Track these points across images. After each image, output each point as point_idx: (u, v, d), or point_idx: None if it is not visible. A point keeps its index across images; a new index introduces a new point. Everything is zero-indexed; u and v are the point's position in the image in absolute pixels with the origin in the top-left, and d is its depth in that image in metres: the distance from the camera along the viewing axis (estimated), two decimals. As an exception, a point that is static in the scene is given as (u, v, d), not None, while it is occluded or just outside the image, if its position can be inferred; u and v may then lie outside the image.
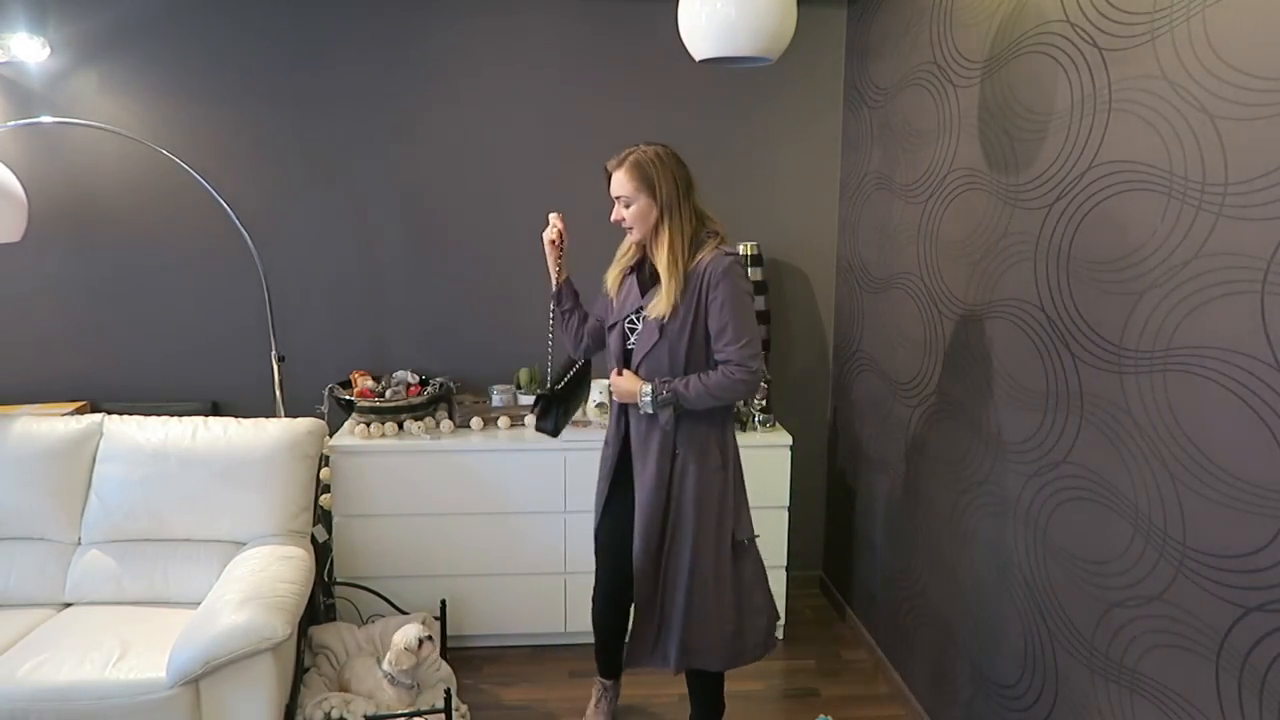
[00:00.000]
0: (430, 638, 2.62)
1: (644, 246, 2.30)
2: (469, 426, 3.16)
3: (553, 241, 2.41)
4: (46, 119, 3.00)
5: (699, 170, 3.36)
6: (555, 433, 2.57)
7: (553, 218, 2.42)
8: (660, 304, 2.20)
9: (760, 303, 3.31)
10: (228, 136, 3.23)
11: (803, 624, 3.40)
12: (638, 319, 2.29)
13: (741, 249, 3.30)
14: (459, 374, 3.40)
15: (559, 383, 2.57)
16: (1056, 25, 1.99)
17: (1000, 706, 2.29)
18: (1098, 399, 1.86)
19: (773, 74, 3.30)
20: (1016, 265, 2.17)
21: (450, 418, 3.17)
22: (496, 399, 3.23)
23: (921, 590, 2.75)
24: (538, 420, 2.57)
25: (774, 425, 3.22)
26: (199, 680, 2.18)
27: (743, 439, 3.09)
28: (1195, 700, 1.61)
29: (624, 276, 2.37)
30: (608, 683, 2.75)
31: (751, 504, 3.08)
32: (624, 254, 2.38)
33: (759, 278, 3.31)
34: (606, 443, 2.45)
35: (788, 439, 3.13)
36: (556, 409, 2.55)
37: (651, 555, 2.33)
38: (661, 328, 2.21)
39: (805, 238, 3.50)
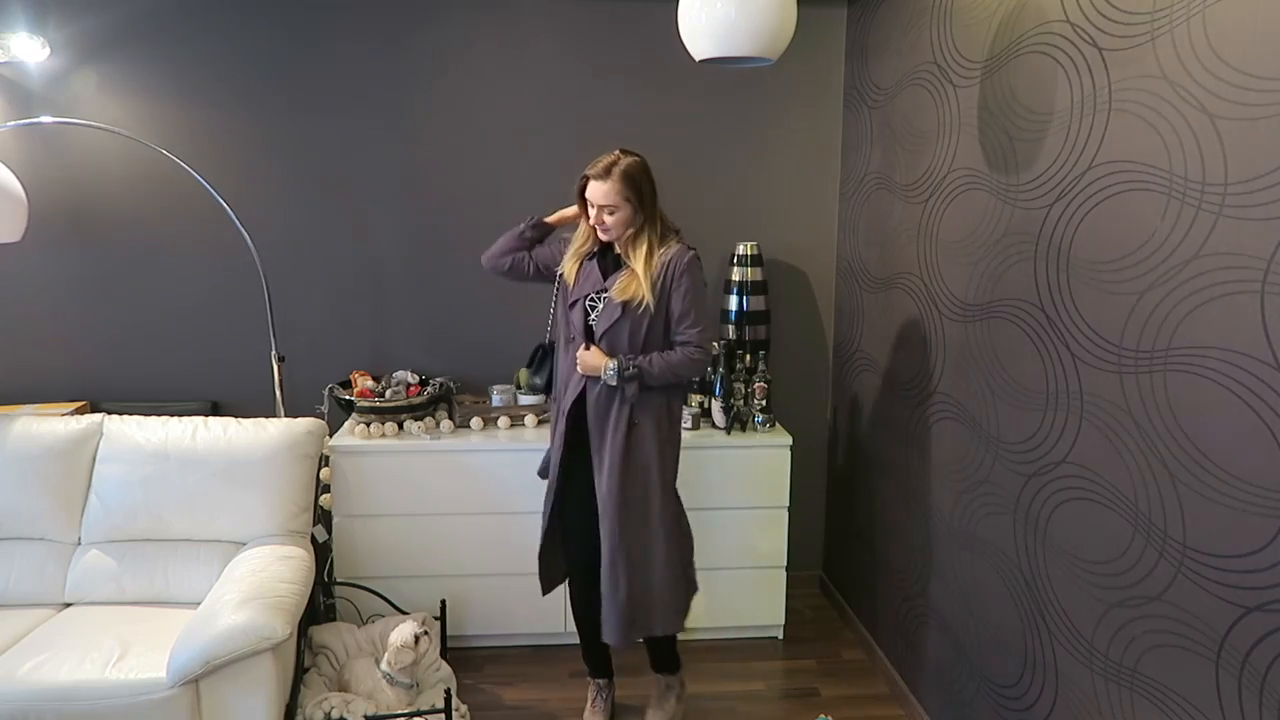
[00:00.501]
0: (426, 633, 2.62)
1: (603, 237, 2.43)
2: (469, 426, 3.16)
3: (560, 220, 2.55)
4: (46, 119, 3.00)
5: (699, 170, 3.40)
6: (549, 390, 2.68)
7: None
8: (629, 290, 2.37)
9: (760, 303, 3.31)
10: (228, 136, 3.23)
11: (803, 624, 3.40)
12: (599, 298, 2.44)
13: (741, 249, 3.30)
14: (459, 374, 3.40)
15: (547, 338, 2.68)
16: (1056, 25, 1.99)
17: (1000, 706, 2.30)
18: (1098, 399, 1.86)
19: (773, 74, 3.30)
20: (1016, 265, 2.17)
21: (450, 418, 3.17)
22: (496, 399, 3.23)
23: (921, 590, 2.75)
24: (532, 376, 2.70)
25: (774, 425, 3.22)
26: (199, 680, 2.18)
27: (742, 439, 3.13)
28: (1195, 700, 1.61)
29: (582, 261, 2.49)
30: (601, 682, 2.77)
31: (751, 504, 3.14)
32: (580, 243, 2.49)
33: (759, 277, 3.31)
34: (561, 413, 2.50)
35: (788, 439, 3.13)
36: (549, 362, 2.67)
37: (621, 526, 2.42)
38: (624, 307, 2.38)
39: (805, 238, 3.50)
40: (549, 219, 2.61)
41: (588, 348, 2.42)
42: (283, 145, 3.25)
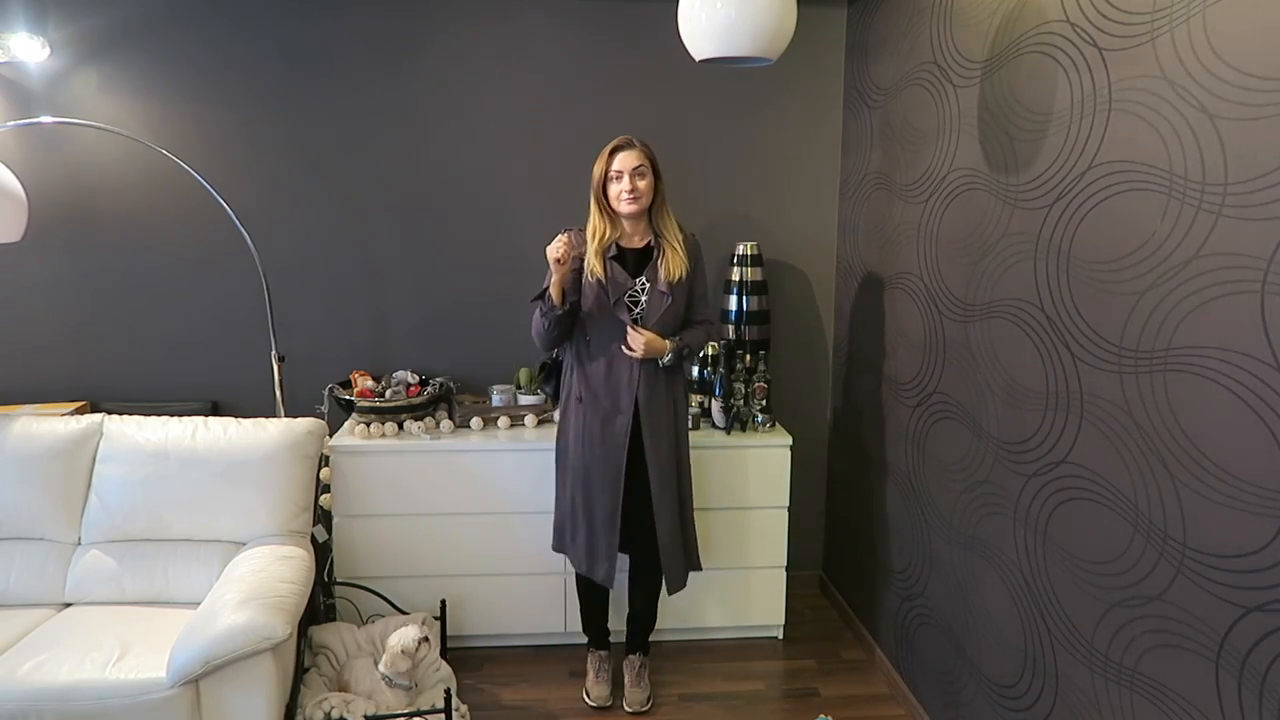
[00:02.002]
0: (427, 638, 2.62)
1: (616, 230, 2.55)
2: (469, 426, 3.16)
3: (559, 260, 2.41)
4: (46, 119, 3.00)
5: (700, 169, 3.40)
6: (556, 396, 2.82)
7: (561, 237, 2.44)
8: (675, 270, 2.53)
9: (760, 303, 3.31)
10: (228, 136, 3.23)
11: (803, 624, 3.40)
12: (639, 292, 2.56)
13: (741, 249, 3.30)
14: (459, 374, 3.40)
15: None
16: (1056, 25, 1.99)
17: (1000, 706, 2.30)
18: (1098, 399, 1.86)
19: (773, 74, 3.30)
20: (1016, 265, 2.17)
21: (450, 418, 3.17)
22: (496, 399, 3.23)
23: (921, 590, 2.75)
24: (541, 385, 2.89)
25: (774, 425, 3.21)
26: (199, 680, 2.18)
27: (743, 439, 3.13)
28: (1195, 700, 1.61)
29: (605, 260, 2.54)
30: (603, 653, 2.88)
31: (751, 504, 3.14)
32: (598, 238, 2.53)
33: (759, 277, 3.31)
34: (619, 411, 2.56)
35: (788, 439, 3.13)
36: (556, 374, 2.81)
37: (675, 485, 2.65)
38: (672, 293, 2.54)
39: (805, 238, 3.50)
40: (551, 289, 2.47)
41: (639, 332, 2.52)
42: (283, 145, 3.25)
